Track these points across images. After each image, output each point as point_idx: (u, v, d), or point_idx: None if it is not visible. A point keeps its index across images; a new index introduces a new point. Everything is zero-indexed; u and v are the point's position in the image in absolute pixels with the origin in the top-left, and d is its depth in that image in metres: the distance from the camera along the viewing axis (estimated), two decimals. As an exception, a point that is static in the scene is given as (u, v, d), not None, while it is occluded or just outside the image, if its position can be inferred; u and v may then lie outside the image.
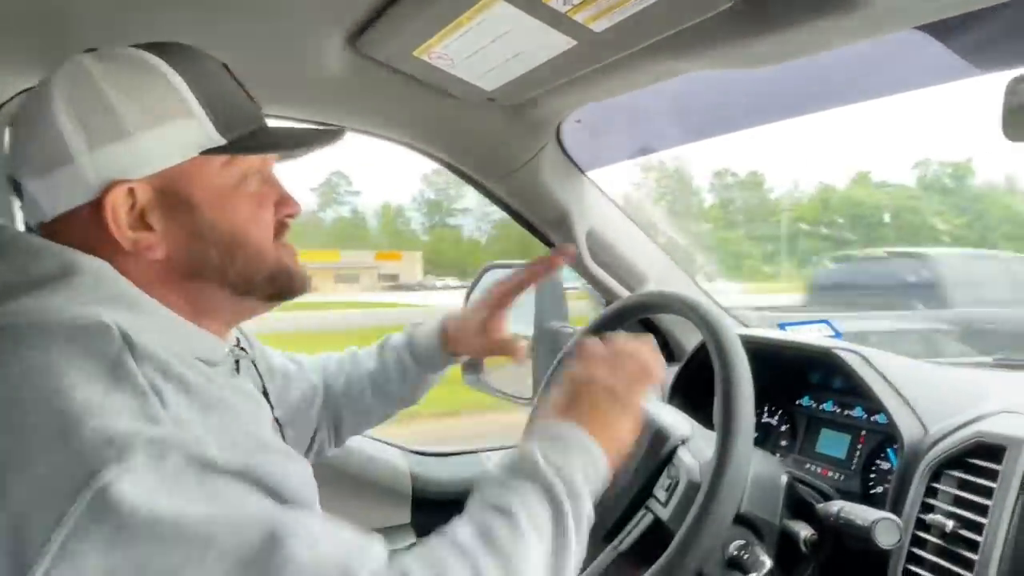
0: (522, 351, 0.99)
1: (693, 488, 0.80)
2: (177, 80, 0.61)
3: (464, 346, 0.98)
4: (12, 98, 1.05)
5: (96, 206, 0.59)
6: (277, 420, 0.76)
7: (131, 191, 0.60)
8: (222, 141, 0.63)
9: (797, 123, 1.31)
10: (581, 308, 1.58)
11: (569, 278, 1.52)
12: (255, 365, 0.78)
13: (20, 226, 0.70)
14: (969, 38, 0.84)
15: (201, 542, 0.45)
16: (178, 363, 0.56)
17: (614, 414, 0.67)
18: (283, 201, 0.69)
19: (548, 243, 1.49)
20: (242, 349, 0.74)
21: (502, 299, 0.96)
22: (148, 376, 0.52)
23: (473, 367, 1.33)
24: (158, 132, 0.60)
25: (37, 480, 0.45)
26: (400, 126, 1.24)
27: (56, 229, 0.61)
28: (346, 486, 1.47)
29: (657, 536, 0.80)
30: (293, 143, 0.68)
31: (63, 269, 0.56)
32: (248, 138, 0.65)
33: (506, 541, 0.54)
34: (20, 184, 0.62)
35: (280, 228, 0.69)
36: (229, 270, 0.64)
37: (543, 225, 1.44)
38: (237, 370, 0.71)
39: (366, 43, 0.94)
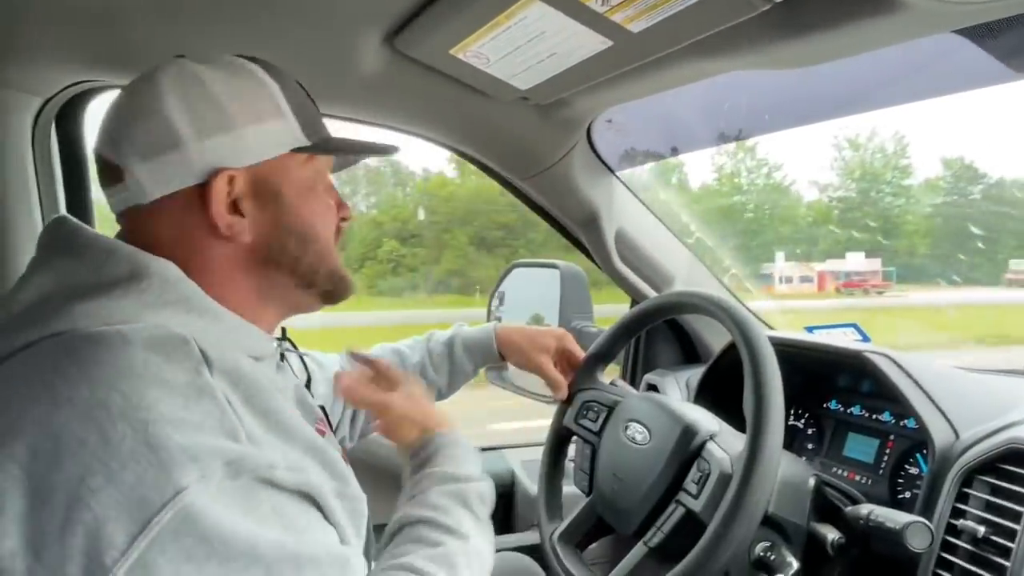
0: (564, 395, 1.05)
1: (725, 478, 0.80)
2: (273, 85, 0.68)
3: (514, 353, 1.06)
4: (61, 91, 1.09)
5: (198, 190, 0.63)
6: (323, 407, 0.78)
7: (231, 179, 0.64)
8: (307, 142, 0.69)
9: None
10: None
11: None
12: (302, 358, 0.81)
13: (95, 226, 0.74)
14: (1008, 41, 0.83)
15: (268, 565, 0.49)
16: (242, 363, 0.59)
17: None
18: (341, 206, 0.75)
19: (576, 243, 1.50)
20: (286, 340, 0.77)
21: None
22: (223, 390, 0.54)
23: (497, 365, 1.35)
24: (259, 128, 0.65)
25: (125, 487, 0.47)
26: (433, 123, 1.25)
27: (154, 210, 0.64)
28: (371, 479, 1.48)
29: (689, 529, 0.80)
30: (360, 148, 0.74)
31: (132, 272, 0.59)
32: (325, 142, 0.71)
33: None
34: (117, 167, 0.64)
35: (337, 231, 0.75)
36: (302, 260, 0.69)
37: (572, 225, 1.45)
38: (282, 359, 0.74)
39: (403, 42, 0.96)
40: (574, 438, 1.06)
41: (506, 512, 1.63)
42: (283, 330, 0.78)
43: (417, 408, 0.80)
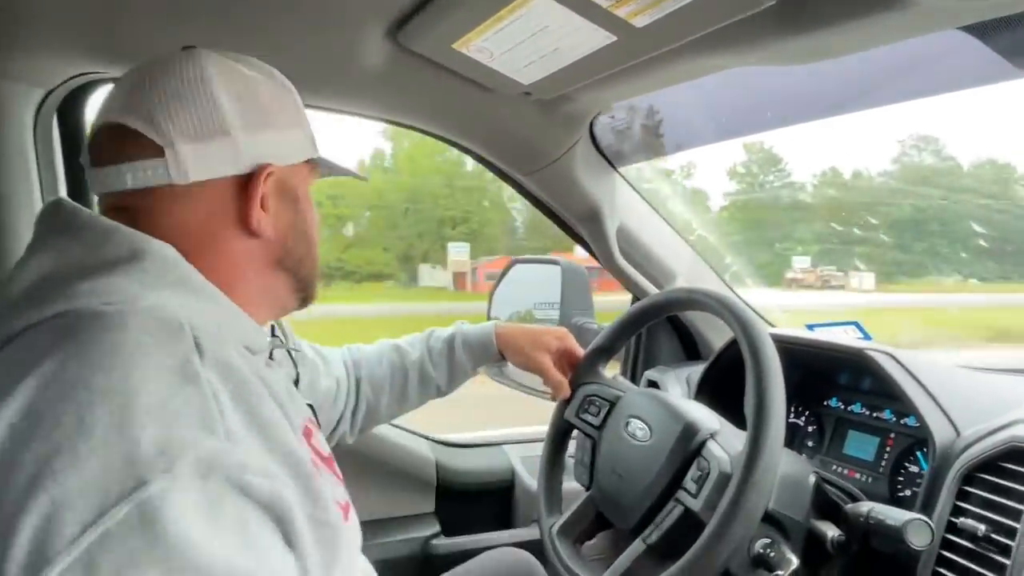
0: (566, 395, 1.05)
1: (724, 478, 0.80)
2: (297, 96, 0.73)
3: (515, 353, 1.06)
4: (63, 83, 1.09)
5: (239, 180, 0.65)
6: (311, 406, 0.77)
7: (269, 175, 0.66)
8: (316, 153, 0.74)
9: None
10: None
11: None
12: (290, 354, 0.81)
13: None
14: (1012, 38, 0.83)
15: None
16: (234, 357, 0.57)
17: None
18: None
19: (578, 238, 1.49)
20: (276, 337, 0.76)
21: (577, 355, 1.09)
22: (211, 381, 0.52)
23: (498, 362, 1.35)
24: (295, 132, 0.70)
25: (88, 472, 0.44)
26: (436, 118, 1.25)
27: (187, 193, 0.63)
28: (374, 473, 1.49)
29: (687, 527, 0.80)
30: (340, 171, 0.80)
31: (132, 252, 0.58)
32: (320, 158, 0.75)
33: None
34: (152, 143, 0.61)
35: None
36: (304, 263, 0.73)
37: (573, 220, 1.44)
38: (271, 356, 0.73)
39: (406, 36, 0.95)
40: (575, 432, 1.06)
41: (505, 507, 1.63)
42: (272, 326, 0.78)
43: None
